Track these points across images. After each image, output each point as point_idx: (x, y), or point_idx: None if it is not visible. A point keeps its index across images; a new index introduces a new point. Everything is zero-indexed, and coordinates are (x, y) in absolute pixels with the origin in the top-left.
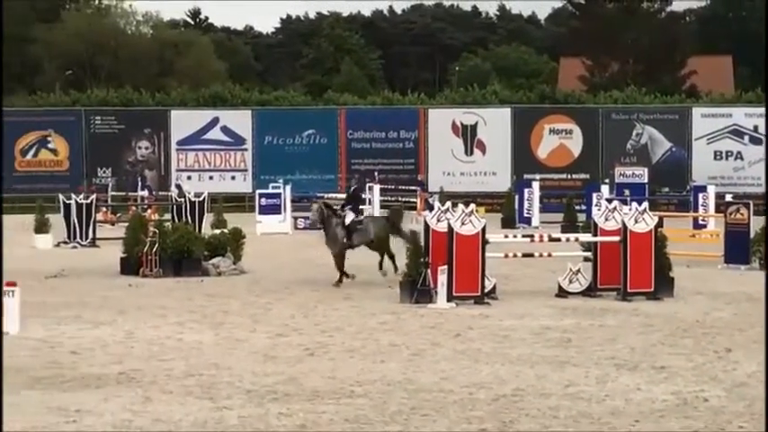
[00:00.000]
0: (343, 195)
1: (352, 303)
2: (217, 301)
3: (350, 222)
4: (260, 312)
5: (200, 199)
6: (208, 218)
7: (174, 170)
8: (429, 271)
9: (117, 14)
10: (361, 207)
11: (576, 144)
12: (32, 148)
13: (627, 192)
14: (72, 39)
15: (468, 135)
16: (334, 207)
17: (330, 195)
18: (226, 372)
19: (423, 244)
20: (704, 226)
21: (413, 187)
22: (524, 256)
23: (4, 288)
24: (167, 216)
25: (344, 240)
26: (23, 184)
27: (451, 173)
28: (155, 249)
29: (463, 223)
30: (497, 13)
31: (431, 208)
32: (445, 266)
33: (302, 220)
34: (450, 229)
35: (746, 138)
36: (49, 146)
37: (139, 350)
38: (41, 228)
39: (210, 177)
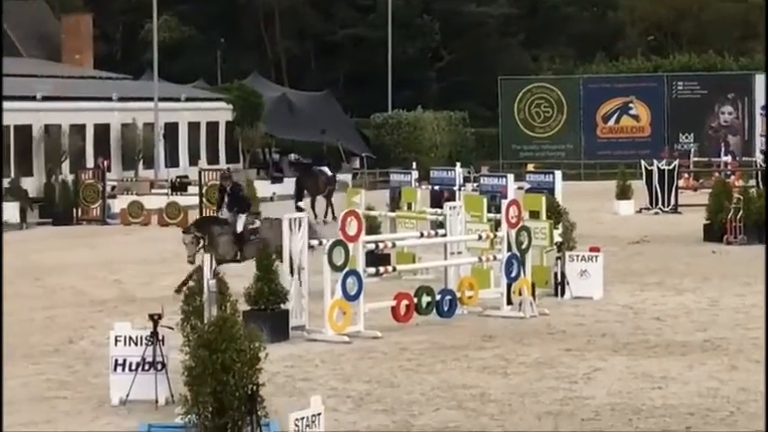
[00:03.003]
0: None
1: None
2: None
3: (242, 230)
4: None
5: None
6: None
7: (758, 135)
8: None
9: None
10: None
11: None
12: (614, 115)
13: None
14: (655, 4)
15: None
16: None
17: None
18: None
19: None
20: None
21: None
22: None
23: (588, 253)
24: (752, 182)
25: (235, 254)
26: (605, 150)
27: None
28: (739, 216)
29: None
30: None
31: None
32: None
33: None
34: None
35: None
36: (631, 112)
37: (724, 318)
38: (623, 194)
39: None
